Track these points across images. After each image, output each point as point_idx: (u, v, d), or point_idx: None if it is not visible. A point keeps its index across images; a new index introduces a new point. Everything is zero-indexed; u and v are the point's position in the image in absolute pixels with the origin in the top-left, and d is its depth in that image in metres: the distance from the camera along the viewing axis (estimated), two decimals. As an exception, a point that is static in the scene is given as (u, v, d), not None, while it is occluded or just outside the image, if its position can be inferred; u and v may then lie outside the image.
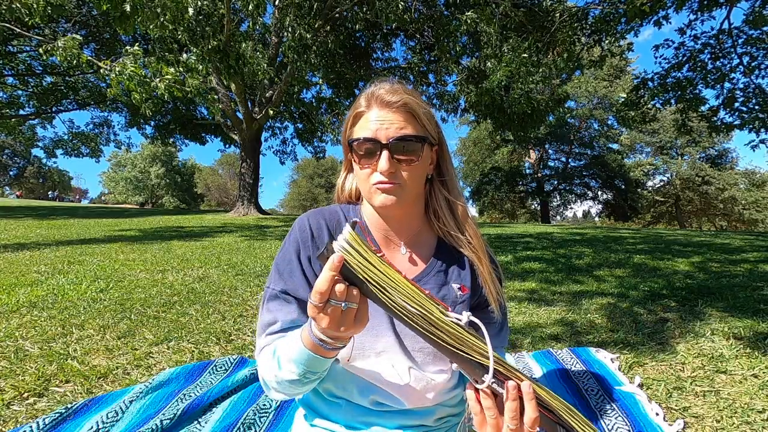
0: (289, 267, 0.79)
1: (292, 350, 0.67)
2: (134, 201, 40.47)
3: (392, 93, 0.74)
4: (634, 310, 2.38)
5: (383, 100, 0.73)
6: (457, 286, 0.83)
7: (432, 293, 0.81)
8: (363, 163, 0.74)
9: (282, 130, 17.09)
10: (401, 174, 0.73)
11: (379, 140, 0.72)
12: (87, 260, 3.96)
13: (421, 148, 0.74)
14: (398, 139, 0.72)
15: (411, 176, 0.75)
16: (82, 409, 1.22)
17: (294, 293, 0.78)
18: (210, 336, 1.94)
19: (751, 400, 1.33)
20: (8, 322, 2.06)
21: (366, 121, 0.74)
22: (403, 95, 0.74)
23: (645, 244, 5.50)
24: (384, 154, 0.71)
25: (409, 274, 0.82)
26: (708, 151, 25.64)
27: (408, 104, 0.74)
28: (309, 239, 0.79)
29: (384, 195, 0.73)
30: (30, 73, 14.89)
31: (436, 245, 0.85)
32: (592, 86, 23.13)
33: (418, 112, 0.75)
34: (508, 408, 0.57)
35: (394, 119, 0.73)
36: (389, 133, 0.72)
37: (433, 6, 10.31)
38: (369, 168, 0.74)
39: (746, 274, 3.37)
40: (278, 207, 53.54)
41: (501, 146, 25.53)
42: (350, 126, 0.78)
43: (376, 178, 0.73)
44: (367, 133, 0.73)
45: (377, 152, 0.72)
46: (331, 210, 0.85)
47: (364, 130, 0.73)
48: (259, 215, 12.07)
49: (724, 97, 8.15)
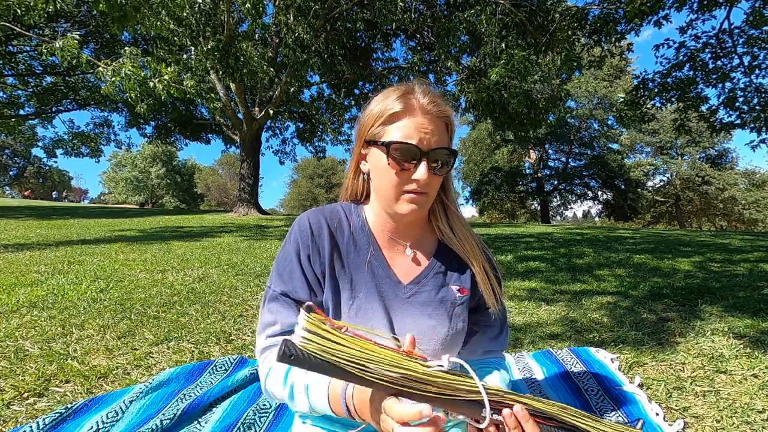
0: (288, 268, 0.78)
1: (313, 395, 0.66)
2: (134, 201, 40.46)
3: (435, 103, 0.74)
4: (635, 310, 2.38)
5: (427, 108, 0.73)
6: (457, 287, 0.83)
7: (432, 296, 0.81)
8: (399, 168, 0.72)
9: (282, 130, 17.12)
10: (431, 185, 0.74)
11: (422, 148, 0.71)
12: (87, 260, 3.96)
13: (452, 160, 0.75)
14: (439, 149, 0.72)
15: (436, 187, 0.76)
16: (82, 409, 1.22)
17: (294, 295, 0.77)
18: (210, 336, 1.94)
19: (751, 400, 1.33)
20: (8, 322, 2.06)
21: (405, 125, 0.72)
22: (444, 107, 0.75)
23: (645, 244, 5.50)
24: (423, 163, 0.70)
25: (410, 274, 0.82)
26: (708, 151, 25.65)
27: (448, 117, 0.75)
28: (309, 239, 0.79)
29: (412, 205, 0.73)
30: (30, 73, 14.89)
31: (436, 247, 0.86)
32: (592, 86, 23.13)
33: (451, 126, 0.76)
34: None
35: (435, 129, 0.72)
36: (430, 142, 0.72)
37: (433, 6, 10.31)
38: (403, 173, 0.72)
39: (746, 273, 3.37)
40: (278, 207, 53.55)
41: (501, 146, 25.52)
42: (379, 124, 0.75)
43: (410, 186, 0.72)
44: (410, 138, 0.71)
45: (415, 160, 0.71)
46: (332, 209, 0.84)
47: (405, 134, 0.71)
48: (259, 215, 12.07)
49: (725, 97, 8.16)
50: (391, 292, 0.80)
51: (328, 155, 41.15)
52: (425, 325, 0.78)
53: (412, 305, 0.79)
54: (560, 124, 23.89)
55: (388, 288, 0.80)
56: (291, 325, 0.76)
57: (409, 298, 0.80)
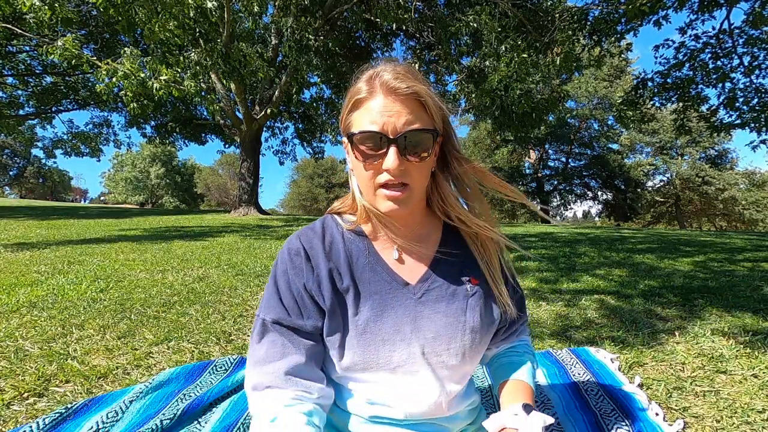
0: (278, 293, 0.72)
1: None
2: (134, 201, 40.47)
3: (400, 78, 0.64)
4: (635, 310, 2.38)
5: (389, 86, 0.63)
6: (467, 278, 0.76)
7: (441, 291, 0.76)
8: (365, 160, 0.65)
9: (282, 130, 17.12)
10: (409, 173, 0.65)
11: (386, 134, 0.62)
12: (87, 260, 3.96)
13: (432, 143, 0.66)
14: (408, 133, 0.63)
15: (420, 175, 0.67)
16: (82, 409, 1.22)
17: (288, 322, 0.71)
18: (210, 336, 1.94)
19: (751, 400, 1.33)
20: (8, 322, 2.06)
21: (368, 110, 0.64)
22: (412, 81, 0.64)
23: (646, 244, 5.50)
24: (392, 150, 0.62)
25: (417, 272, 0.76)
26: (708, 152, 25.66)
27: (418, 92, 0.64)
28: (302, 261, 0.73)
29: (389, 203, 0.66)
30: (30, 73, 14.89)
31: (441, 237, 0.79)
32: (592, 86, 23.15)
33: (428, 102, 0.65)
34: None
35: (402, 110, 0.63)
36: (397, 125, 0.62)
37: (433, 6, 10.32)
38: (373, 165, 0.65)
39: (746, 273, 3.37)
40: (278, 207, 53.51)
41: (501, 146, 25.54)
42: (348, 113, 0.68)
43: (383, 178, 0.65)
44: (371, 125, 0.63)
45: (383, 148, 0.63)
46: (322, 223, 0.78)
47: (367, 121, 0.64)
48: (259, 215, 12.07)
49: (725, 97, 8.16)
50: (400, 297, 0.73)
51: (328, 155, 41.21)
52: (441, 323, 0.73)
53: (425, 305, 0.73)
54: (560, 124, 23.92)
55: (396, 293, 0.73)
56: (292, 363, 0.70)
57: (420, 298, 0.73)
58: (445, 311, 0.73)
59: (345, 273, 0.73)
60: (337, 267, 0.73)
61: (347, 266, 0.73)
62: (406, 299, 0.73)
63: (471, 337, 0.74)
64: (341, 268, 0.73)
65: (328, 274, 0.72)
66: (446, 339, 0.72)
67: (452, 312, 0.73)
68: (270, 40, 11.75)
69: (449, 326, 0.73)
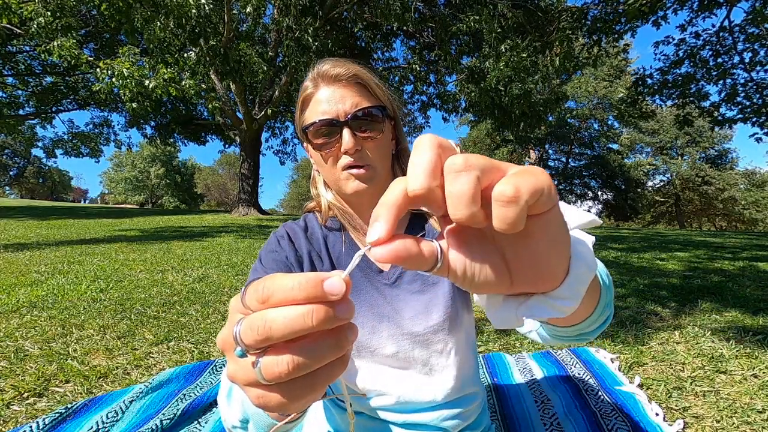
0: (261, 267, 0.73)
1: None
2: (134, 201, 40.48)
3: (339, 65, 0.67)
4: (635, 310, 2.38)
5: (330, 75, 0.66)
6: None
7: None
8: (323, 151, 0.67)
9: (282, 130, 17.11)
10: (368, 154, 0.67)
11: (337, 119, 0.65)
12: (87, 260, 3.96)
13: (382, 120, 0.68)
14: (357, 113, 0.65)
15: (378, 154, 0.69)
16: (82, 409, 1.22)
17: None
18: (210, 336, 1.94)
19: (751, 400, 1.33)
20: (8, 322, 2.06)
21: (317, 102, 0.67)
22: (350, 66, 0.67)
23: (646, 243, 5.49)
24: (345, 132, 0.65)
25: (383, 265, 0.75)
26: (708, 152, 25.67)
27: (358, 75, 0.67)
28: (287, 242, 0.75)
29: (355, 182, 0.67)
30: (30, 73, 14.90)
31: (407, 223, 0.79)
32: (592, 86, 23.15)
33: (369, 83, 0.68)
34: None
35: (346, 93, 0.66)
36: (345, 108, 0.65)
37: (433, 6, 10.31)
38: (332, 154, 0.67)
39: (746, 273, 3.37)
40: (278, 207, 53.56)
41: (501, 146, 25.53)
42: (300, 114, 0.70)
43: (344, 161, 0.67)
44: (321, 115, 0.65)
45: (337, 134, 0.66)
46: (303, 218, 0.82)
47: (316, 112, 0.66)
48: (259, 215, 12.07)
49: (726, 93, 8.16)
50: (376, 283, 0.74)
51: (328, 155, 41.01)
52: (419, 302, 0.73)
53: (399, 288, 0.74)
54: (560, 124, 23.93)
55: (372, 279, 0.74)
56: None
57: (394, 283, 0.74)
58: (420, 289, 0.74)
59: (324, 258, 0.76)
60: (318, 252, 0.76)
61: (326, 252, 0.76)
62: (380, 285, 0.74)
63: (450, 305, 0.73)
64: (321, 253, 0.76)
65: (309, 256, 0.75)
66: (425, 315, 0.72)
67: (428, 288, 0.74)
68: (270, 40, 11.75)
69: (427, 302, 0.73)
